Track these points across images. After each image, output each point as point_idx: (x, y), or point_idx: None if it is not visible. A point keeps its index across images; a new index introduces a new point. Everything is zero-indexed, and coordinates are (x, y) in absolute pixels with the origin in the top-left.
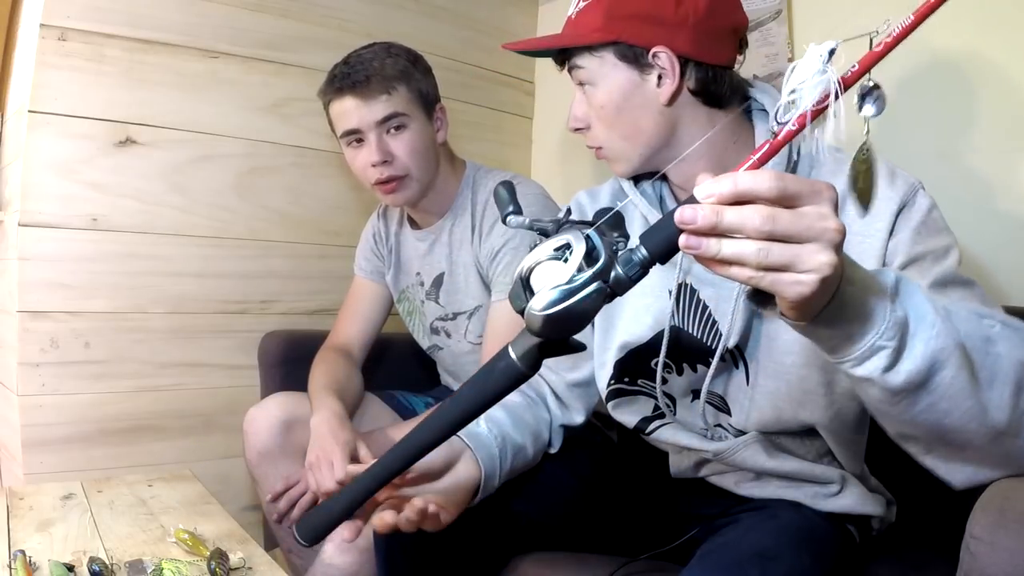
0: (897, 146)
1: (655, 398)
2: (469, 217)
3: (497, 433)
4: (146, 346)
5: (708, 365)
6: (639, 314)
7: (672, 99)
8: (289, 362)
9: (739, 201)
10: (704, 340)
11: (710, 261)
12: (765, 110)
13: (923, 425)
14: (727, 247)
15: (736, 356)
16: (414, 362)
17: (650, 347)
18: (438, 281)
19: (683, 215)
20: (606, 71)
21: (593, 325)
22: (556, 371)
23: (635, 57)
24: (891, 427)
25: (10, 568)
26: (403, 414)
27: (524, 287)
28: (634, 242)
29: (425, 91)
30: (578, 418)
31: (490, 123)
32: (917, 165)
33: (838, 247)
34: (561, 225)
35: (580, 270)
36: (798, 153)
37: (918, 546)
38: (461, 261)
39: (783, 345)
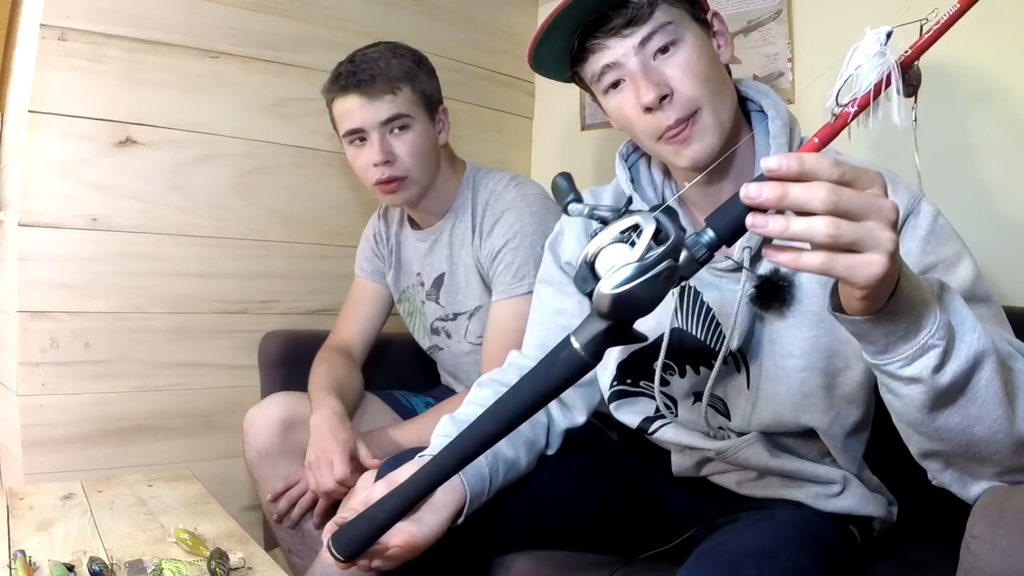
0: (897, 146)
1: (656, 399)
2: (469, 217)
3: (491, 455)
4: (146, 346)
5: (710, 367)
6: None
7: (727, 62)
8: (289, 362)
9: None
10: (707, 342)
11: (781, 253)
12: (764, 112)
13: (954, 433)
14: (796, 225)
15: (738, 359)
16: (414, 362)
17: (653, 348)
18: (438, 281)
19: (748, 191)
20: (686, 26)
21: None
22: None
23: (702, 17)
24: (919, 440)
25: (10, 568)
26: (403, 414)
27: (590, 271)
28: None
29: (429, 92)
30: (580, 418)
31: (490, 123)
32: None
33: (895, 225)
34: (621, 213)
35: (650, 248)
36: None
37: (919, 546)
38: (461, 261)
39: (784, 348)
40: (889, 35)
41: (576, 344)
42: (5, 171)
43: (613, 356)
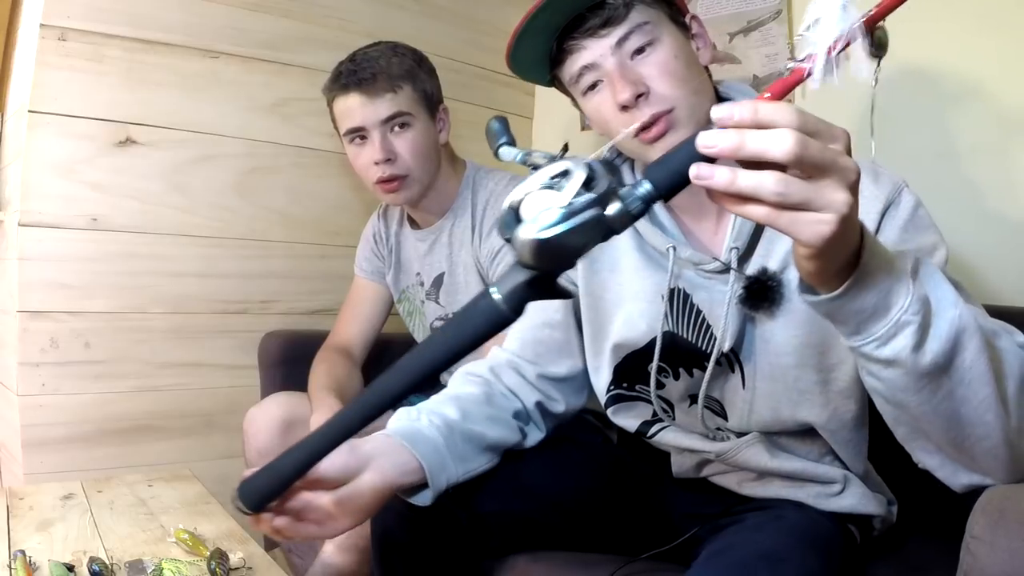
0: (895, 146)
1: (653, 403)
2: (469, 217)
3: (440, 423)
4: (146, 346)
5: (704, 369)
6: (632, 319)
7: (707, 64)
8: (289, 362)
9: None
10: (699, 344)
11: (723, 196)
12: None
13: (940, 416)
14: (743, 179)
15: (731, 359)
16: None
17: (646, 352)
18: (438, 281)
19: (704, 139)
20: (663, 26)
21: (581, 328)
22: (535, 362)
23: (680, 19)
24: (904, 424)
25: (10, 568)
26: None
27: (514, 217)
28: (615, 248)
29: (430, 91)
30: (558, 407)
31: None
32: (915, 165)
33: (853, 187)
34: (555, 159)
35: (578, 194)
36: None
37: (919, 546)
38: (461, 261)
39: (777, 346)
40: None
41: (496, 296)
42: (5, 171)
43: (604, 360)
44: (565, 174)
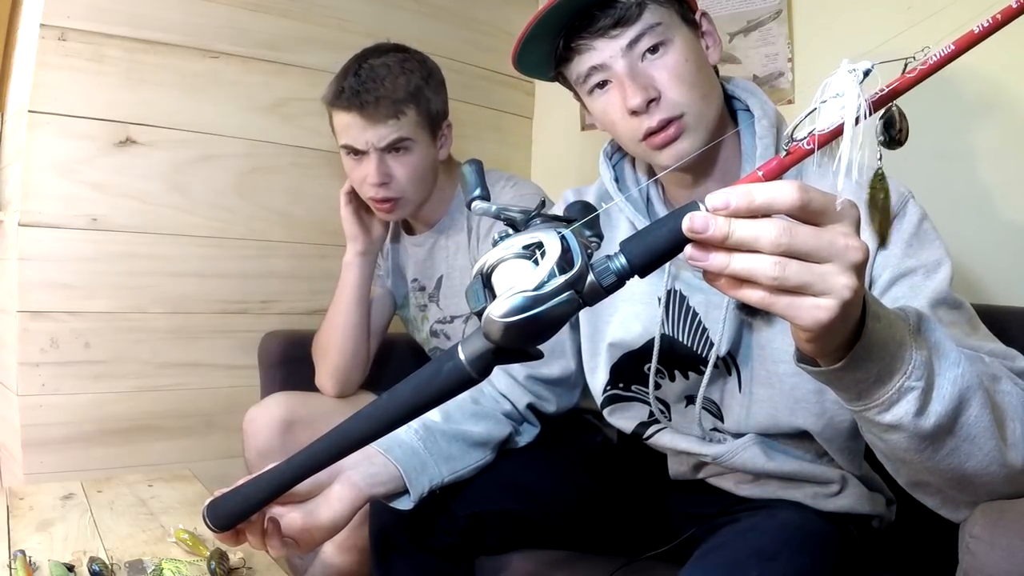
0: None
1: (650, 404)
2: (465, 220)
3: (419, 427)
4: (146, 346)
5: (700, 372)
6: (628, 321)
7: (716, 63)
8: (289, 362)
9: (753, 216)
10: (695, 348)
11: (717, 278)
12: (750, 111)
13: (944, 471)
14: (738, 262)
15: (728, 363)
16: (414, 363)
17: (642, 353)
18: (438, 284)
19: (694, 223)
20: (675, 27)
21: (578, 329)
22: (523, 365)
23: (690, 17)
24: (907, 476)
25: (10, 568)
26: None
27: (484, 285)
28: (614, 248)
29: (435, 111)
30: (549, 407)
31: (490, 123)
32: (916, 166)
33: (859, 269)
34: (531, 217)
35: (551, 276)
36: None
37: (918, 546)
38: (458, 265)
39: (774, 353)
40: (867, 72)
41: (462, 357)
42: (5, 171)
43: (601, 360)
44: (539, 246)
